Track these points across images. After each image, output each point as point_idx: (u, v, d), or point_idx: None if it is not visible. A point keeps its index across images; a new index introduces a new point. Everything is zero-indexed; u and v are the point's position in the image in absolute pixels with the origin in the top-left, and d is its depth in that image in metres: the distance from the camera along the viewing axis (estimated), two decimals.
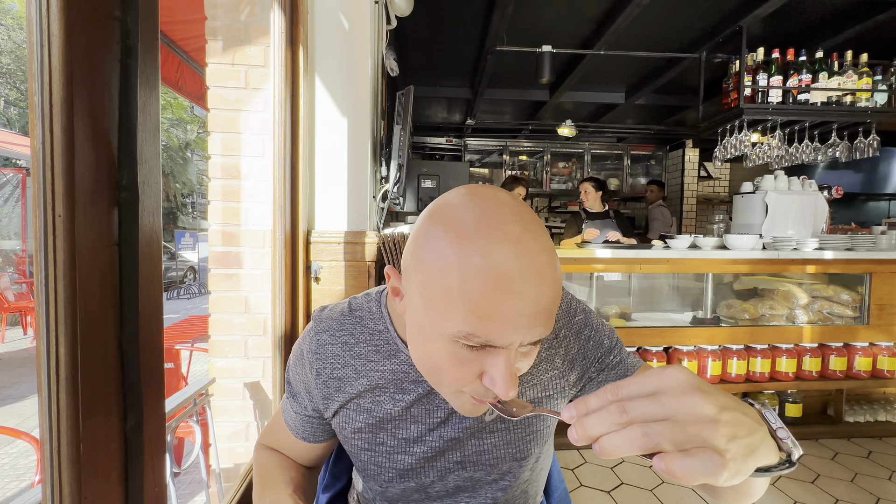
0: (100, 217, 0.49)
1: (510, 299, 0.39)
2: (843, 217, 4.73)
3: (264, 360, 1.54)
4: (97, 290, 0.49)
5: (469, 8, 2.75)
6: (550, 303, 0.41)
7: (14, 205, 6.12)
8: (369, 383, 0.58)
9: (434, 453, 0.58)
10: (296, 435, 0.64)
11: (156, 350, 0.60)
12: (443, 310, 0.41)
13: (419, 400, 0.57)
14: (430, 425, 0.58)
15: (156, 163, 0.59)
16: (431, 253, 0.42)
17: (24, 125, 10.94)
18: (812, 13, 2.73)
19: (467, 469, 0.58)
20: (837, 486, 1.87)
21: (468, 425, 0.57)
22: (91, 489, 0.48)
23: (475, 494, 0.60)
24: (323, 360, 0.59)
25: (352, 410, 0.59)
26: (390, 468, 0.59)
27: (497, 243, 0.40)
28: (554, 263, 0.42)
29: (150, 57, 0.57)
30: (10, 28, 10.52)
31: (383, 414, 0.58)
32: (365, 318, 0.60)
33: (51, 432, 0.45)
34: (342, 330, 0.59)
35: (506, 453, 0.58)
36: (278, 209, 1.39)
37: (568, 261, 2.14)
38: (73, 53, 0.45)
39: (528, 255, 0.40)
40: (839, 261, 2.23)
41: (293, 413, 0.64)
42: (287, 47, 1.38)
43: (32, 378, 3.65)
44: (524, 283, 0.39)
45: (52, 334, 0.45)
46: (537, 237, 0.42)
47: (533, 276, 0.40)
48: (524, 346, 0.43)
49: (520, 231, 0.41)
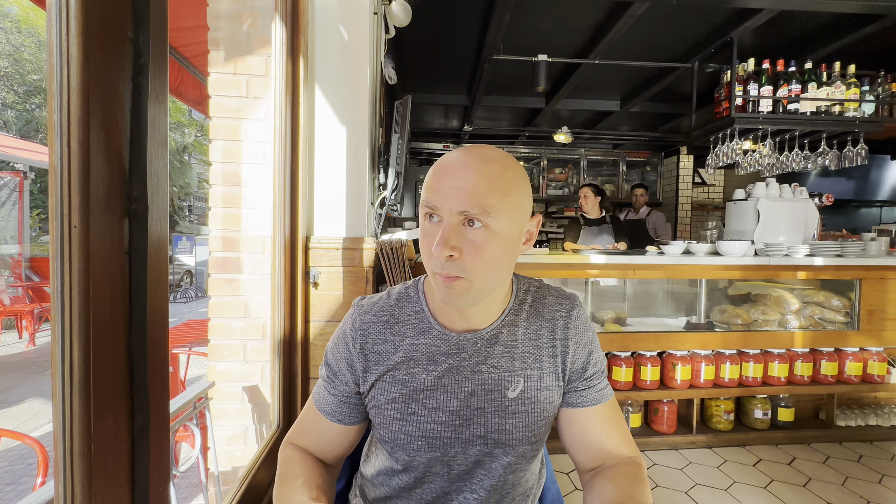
0: (112, 227, 0.52)
1: (444, 177, 0.58)
2: (834, 224, 4.79)
3: (263, 365, 1.56)
4: (108, 296, 0.52)
5: (466, 18, 2.80)
6: (475, 186, 0.56)
7: (11, 208, 6.09)
8: (405, 356, 0.66)
9: (461, 421, 0.64)
10: (331, 419, 0.69)
11: (162, 354, 0.62)
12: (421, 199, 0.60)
13: (449, 371, 0.65)
14: (459, 395, 0.64)
15: (164, 174, 0.61)
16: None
17: (21, 128, 10.92)
18: (801, 25, 2.79)
19: (488, 444, 0.65)
20: (828, 489, 1.89)
21: (493, 399, 0.65)
22: (100, 487, 0.50)
23: (489, 473, 0.66)
24: (366, 335, 0.67)
25: (387, 382, 0.66)
26: (420, 437, 0.64)
27: (459, 149, 0.61)
28: (488, 164, 0.58)
29: (159, 74, 0.59)
30: (8, 31, 10.53)
31: (417, 384, 0.65)
32: (403, 302, 0.70)
33: (64, 432, 0.47)
34: (384, 311, 0.69)
35: (523, 436, 0.65)
36: (278, 215, 1.42)
37: (563, 266, 2.17)
38: (89, 73, 0.48)
39: (468, 154, 0.59)
40: (829, 267, 2.27)
41: (329, 397, 0.69)
42: (288, 57, 1.41)
43: (28, 382, 3.63)
44: (456, 167, 0.58)
45: (67, 338, 0.47)
46: (489, 151, 0.59)
47: (463, 165, 0.58)
48: (463, 220, 0.57)
49: (478, 147, 0.60)
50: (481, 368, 0.65)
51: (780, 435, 2.30)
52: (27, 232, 6.21)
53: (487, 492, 0.66)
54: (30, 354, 4.50)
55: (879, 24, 2.53)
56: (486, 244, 0.57)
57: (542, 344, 0.67)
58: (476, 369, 0.65)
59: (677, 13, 2.65)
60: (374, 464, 0.72)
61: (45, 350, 4.66)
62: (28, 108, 11.23)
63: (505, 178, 0.58)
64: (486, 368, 0.65)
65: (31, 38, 10.72)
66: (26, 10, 10.53)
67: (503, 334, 0.66)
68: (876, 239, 2.41)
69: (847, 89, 2.61)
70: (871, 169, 4.68)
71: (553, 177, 5.81)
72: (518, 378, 0.65)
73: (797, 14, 2.57)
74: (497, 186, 0.57)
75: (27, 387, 3.50)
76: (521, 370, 0.66)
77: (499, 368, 0.65)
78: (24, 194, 6.14)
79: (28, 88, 11.04)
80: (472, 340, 0.65)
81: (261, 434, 1.58)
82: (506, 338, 0.66)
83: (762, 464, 2.10)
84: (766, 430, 2.32)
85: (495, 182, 0.57)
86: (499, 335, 0.66)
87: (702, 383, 2.23)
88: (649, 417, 2.34)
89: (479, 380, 0.65)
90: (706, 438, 2.26)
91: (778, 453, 2.20)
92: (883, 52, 2.97)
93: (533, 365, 0.66)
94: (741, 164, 2.93)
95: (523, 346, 0.67)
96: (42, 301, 5.17)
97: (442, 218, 0.57)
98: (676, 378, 2.21)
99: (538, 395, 0.66)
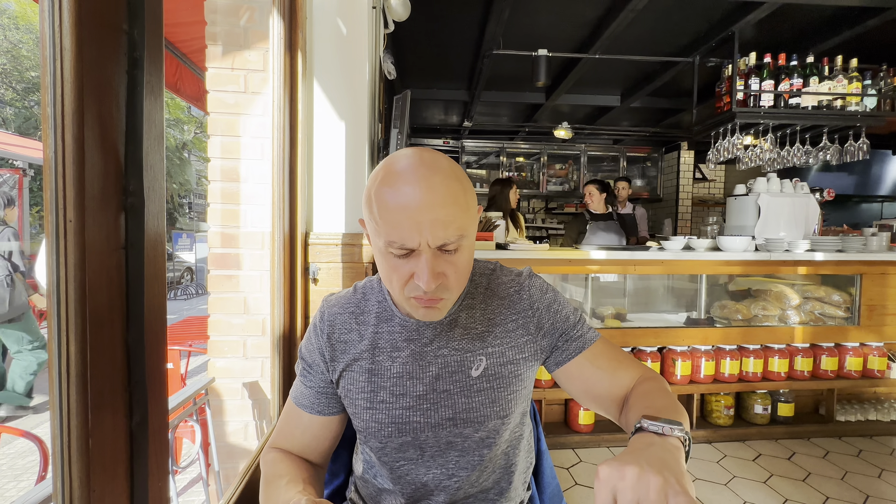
0: (108, 221, 0.52)
1: (410, 212, 0.54)
2: (836, 219, 4.78)
3: (263, 361, 1.56)
4: (105, 291, 0.51)
5: (466, 12, 2.78)
6: (446, 215, 0.54)
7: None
8: (370, 344, 0.68)
9: (429, 405, 0.66)
10: (310, 411, 0.70)
11: (159, 350, 0.62)
12: (376, 231, 0.58)
13: (413, 356, 0.67)
14: (424, 380, 0.66)
15: (160, 169, 0.61)
16: (364, 198, 0.60)
17: (21, 125, 10.90)
18: (803, 19, 2.77)
19: (458, 425, 0.66)
20: (828, 483, 1.90)
21: (458, 379, 0.66)
22: (99, 483, 0.50)
23: (464, 453, 0.67)
24: (332, 325, 0.69)
25: (355, 372, 0.68)
26: (389, 423, 0.66)
27: (395, 169, 0.56)
28: (446, 182, 0.55)
29: (154, 67, 0.59)
30: (6, 28, 10.48)
31: (382, 371, 0.67)
32: (367, 293, 0.72)
33: (61, 427, 0.47)
34: (349, 303, 0.71)
35: (491, 411, 0.66)
36: (277, 211, 1.41)
37: (563, 262, 2.17)
38: (83, 66, 0.47)
39: (423, 178, 0.54)
40: (830, 262, 2.27)
41: (307, 390, 0.70)
42: (286, 52, 1.40)
43: None
44: (419, 198, 0.54)
45: (63, 334, 0.47)
46: (433, 160, 0.56)
47: (425, 193, 0.54)
48: (439, 249, 0.56)
49: (414, 158, 0.56)
50: (443, 352, 0.66)
51: (780, 430, 2.30)
52: (27, 229, 6.21)
53: (466, 471, 0.67)
54: None
55: (882, 17, 2.51)
56: (461, 260, 0.59)
57: (500, 321, 0.69)
58: (438, 353, 0.66)
59: (678, 7, 2.64)
60: (359, 461, 0.74)
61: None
62: (27, 105, 11.20)
63: (464, 193, 0.58)
64: (448, 351, 0.66)
65: (29, 35, 10.67)
66: (24, 5, 10.48)
67: (461, 317, 0.68)
68: (877, 234, 2.40)
69: (849, 83, 2.60)
70: (872, 164, 4.66)
71: (553, 172, 5.80)
72: (480, 357, 0.67)
73: (799, 7, 2.55)
74: (460, 205, 0.56)
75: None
76: (482, 349, 0.67)
77: (460, 350, 0.67)
78: (24, 192, 6.13)
79: (26, 85, 11.01)
80: (432, 326, 0.67)
81: (261, 429, 1.58)
82: (464, 321, 0.68)
83: (762, 458, 2.10)
84: (766, 425, 2.32)
85: (458, 201, 0.56)
86: (457, 318, 0.68)
87: (702, 378, 2.23)
88: None
89: (442, 363, 0.66)
90: (706, 433, 2.26)
91: (778, 448, 2.20)
92: (886, 46, 2.94)
93: (493, 342, 0.68)
94: (742, 159, 2.92)
95: (482, 327, 0.68)
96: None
97: (417, 251, 0.56)
98: (677, 373, 2.21)
99: (501, 370, 0.67)
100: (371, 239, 0.62)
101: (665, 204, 5.79)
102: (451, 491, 0.67)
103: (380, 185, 0.56)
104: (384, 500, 0.71)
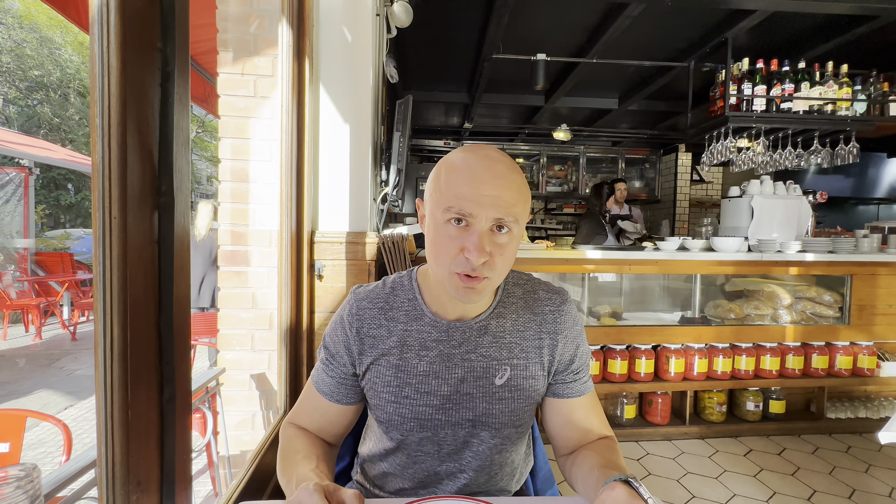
0: (144, 218, 0.58)
1: (478, 185, 0.59)
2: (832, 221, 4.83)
3: (270, 354, 1.62)
4: (141, 280, 0.58)
5: (466, 17, 2.84)
6: (509, 196, 0.60)
7: (17, 204, 6.15)
8: (399, 341, 0.70)
9: (451, 405, 0.69)
10: (329, 399, 0.72)
11: (185, 333, 0.68)
12: (438, 200, 0.62)
13: (441, 357, 0.69)
14: (450, 381, 0.69)
15: (186, 171, 0.67)
16: (432, 173, 0.66)
17: (24, 124, 10.96)
18: (795, 26, 2.84)
19: (476, 427, 0.70)
20: (816, 477, 1.96)
21: (481, 385, 0.69)
22: (136, 449, 0.56)
23: (477, 454, 0.71)
24: (362, 320, 0.71)
25: (382, 366, 0.70)
26: (412, 418, 0.69)
27: (469, 151, 0.63)
28: (512, 173, 0.62)
29: (182, 80, 0.65)
30: (10, 27, 10.55)
31: (410, 369, 0.69)
32: (397, 290, 0.74)
33: (105, 399, 0.54)
34: (379, 298, 0.73)
35: (508, 420, 0.70)
36: (285, 210, 1.48)
37: (560, 261, 2.23)
38: (126, 81, 0.54)
39: (495, 162, 0.61)
40: (821, 263, 2.32)
41: (328, 378, 0.73)
42: (294, 58, 1.46)
43: (36, 374, 3.70)
44: (489, 176, 0.60)
45: (108, 317, 0.53)
46: (502, 155, 0.63)
47: (495, 174, 0.60)
48: (492, 226, 0.61)
49: (487, 149, 0.63)
50: (471, 356, 0.69)
51: (772, 426, 2.36)
52: (32, 227, 6.28)
53: (476, 471, 0.71)
54: (37, 348, 4.58)
55: (870, 24, 2.57)
56: (508, 246, 0.62)
57: (529, 336, 0.72)
58: (466, 357, 0.69)
59: (673, 14, 2.70)
60: (370, 444, 0.77)
61: (52, 343, 4.74)
62: (30, 104, 11.27)
63: (525, 187, 0.64)
64: (476, 357, 0.69)
65: (33, 34, 10.75)
66: (28, 5, 10.55)
67: (492, 325, 0.71)
68: (868, 236, 2.46)
69: (839, 89, 2.66)
70: (868, 166, 4.72)
71: (552, 174, 5.86)
72: (505, 367, 0.70)
73: (790, 15, 2.61)
74: (522, 195, 0.63)
75: (35, 379, 3.58)
76: (508, 359, 0.70)
77: (487, 357, 0.70)
78: (30, 190, 6.20)
79: (30, 84, 11.08)
80: (462, 329, 0.70)
81: (268, 420, 1.64)
82: (494, 328, 0.71)
83: (753, 454, 2.16)
84: (758, 421, 2.38)
85: (521, 191, 0.62)
86: (488, 326, 0.71)
87: (695, 376, 2.29)
88: (643, 409, 2.40)
89: (469, 367, 0.69)
90: (699, 429, 2.32)
91: (768, 444, 2.26)
92: (875, 53, 3.01)
93: (520, 355, 0.71)
94: (735, 162, 2.98)
95: (511, 337, 0.71)
96: (48, 295, 5.23)
97: (472, 224, 0.60)
98: (670, 371, 2.27)
99: (524, 383, 0.71)
100: (428, 214, 0.65)
101: (663, 205, 5.85)
102: (459, 482, 0.72)
103: (453, 156, 0.63)
104: (390, 483, 0.75)
